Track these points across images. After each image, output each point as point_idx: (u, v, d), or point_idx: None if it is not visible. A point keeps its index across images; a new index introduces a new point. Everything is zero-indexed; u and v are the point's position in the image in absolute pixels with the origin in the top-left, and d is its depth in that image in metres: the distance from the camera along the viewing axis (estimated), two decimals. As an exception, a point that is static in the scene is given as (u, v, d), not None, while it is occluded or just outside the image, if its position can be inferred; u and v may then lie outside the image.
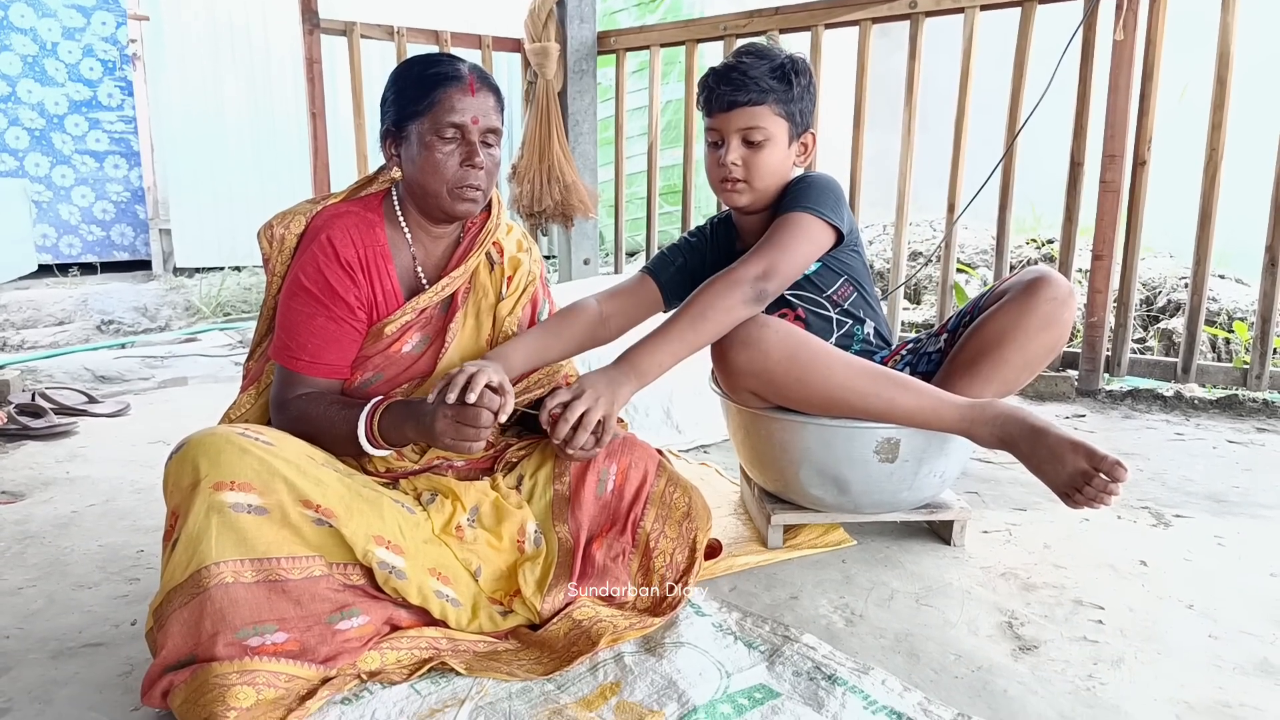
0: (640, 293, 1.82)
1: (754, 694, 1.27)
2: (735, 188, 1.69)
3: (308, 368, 1.47)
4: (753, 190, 1.70)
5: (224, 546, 1.21)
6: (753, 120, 1.65)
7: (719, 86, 1.66)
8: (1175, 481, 2.23)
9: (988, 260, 4.67)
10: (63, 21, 6.02)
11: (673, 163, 5.28)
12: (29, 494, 2.14)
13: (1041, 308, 1.63)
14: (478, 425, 1.32)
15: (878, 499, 1.75)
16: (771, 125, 1.66)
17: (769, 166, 1.68)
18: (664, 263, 1.85)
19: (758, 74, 1.64)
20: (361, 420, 1.39)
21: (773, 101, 1.65)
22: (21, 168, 6.02)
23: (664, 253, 1.87)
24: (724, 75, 1.66)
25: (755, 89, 1.63)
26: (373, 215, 1.52)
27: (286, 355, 1.48)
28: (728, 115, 1.66)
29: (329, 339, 1.47)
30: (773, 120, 1.66)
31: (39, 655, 1.40)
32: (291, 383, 1.47)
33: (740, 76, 1.64)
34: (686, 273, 1.84)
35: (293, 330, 1.47)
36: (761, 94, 1.64)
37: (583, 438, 1.45)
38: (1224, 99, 2.81)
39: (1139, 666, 1.37)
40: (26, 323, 4.69)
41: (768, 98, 1.64)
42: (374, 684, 1.28)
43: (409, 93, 1.46)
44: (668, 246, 1.89)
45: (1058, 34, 3.00)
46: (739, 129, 1.66)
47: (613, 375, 1.52)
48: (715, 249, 1.86)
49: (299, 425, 1.43)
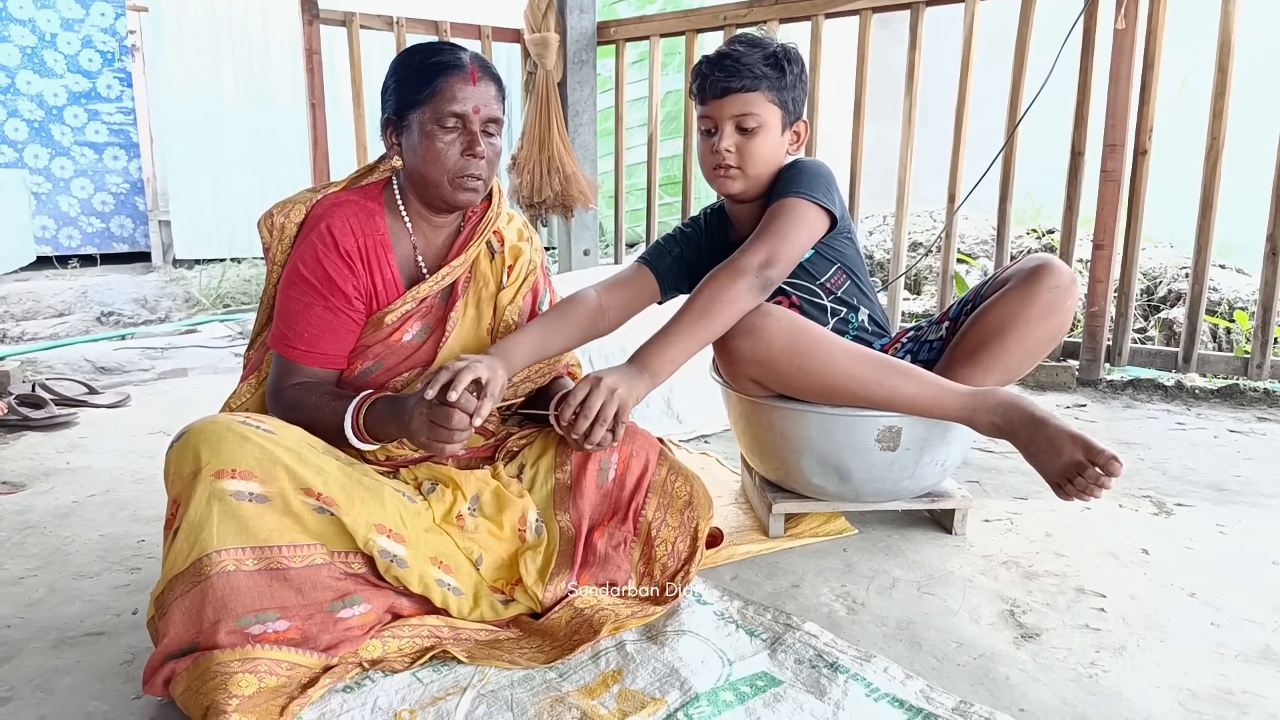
0: (637, 283, 1.81)
1: (756, 682, 1.27)
2: (729, 174, 1.69)
3: (303, 357, 1.47)
4: (746, 177, 1.69)
5: (225, 534, 1.20)
6: (746, 107, 1.65)
7: (712, 73, 1.65)
8: (1176, 470, 2.23)
9: (988, 251, 4.67)
10: (61, 13, 6.00)
11: (673, 153, 5.27)
12: (29, 484, 2.13)
13: (1044, 296, 1.62)
14: (449, 427, 1.28)
15: (879, 487, 1.75)
16: (764, 112, 1.66)
17: (762, 153, 1.68)
18: (660, 253, 1.85)
19: (750, 61, 1.63)
20: (349, 415, 1.38)
21: (766, 88, 1.65)
22: (20, 159, 6.00)
23: (660, 243, 1.87)
24: (717, 63, 1.65)
25: (748, 75, 1.63)
26: (373, 204, 1.52)
27: (283, 344, 1.48)
28: (721, 102, 1.65)
29: (325, 328, 1.47)
30: (766, 107, 1.66)
31: (40, 644, 1.40)
32: (287, 371, 1.47)
33: (733, 64, 1.63)
34: (683, 263, 1.84)
35: (290, 319, 1.47)
36: (755, 80, 1.63)
37: (600, 433, 1.44)
38: (1225, 87, 2.80)
39: (1141, 654, 1.37)
40: (26, 314, 4.68)
41: (760, 84, 1.64)
42: (375, 672, 1.28)
43: (410, 81, 1.46)
44: (663, 237, 1.89)
45: (1058, 24, 2.99)
46: (732, 115, 1.66)
47: (628, 372, 1.51)
48: (710, 239, 1.85)
49: (292, 414, 1.42)
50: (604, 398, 1.45)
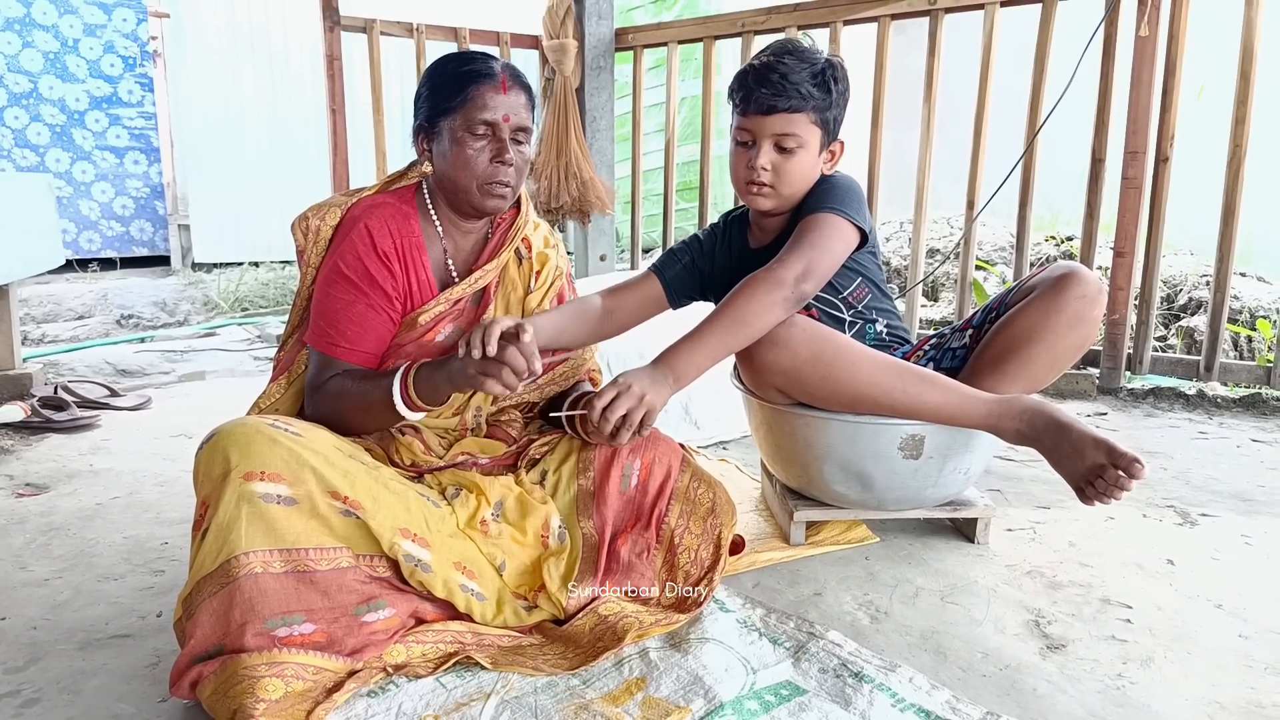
0: (644, 289, 1.79)
1: (780, 690, 1.27)
2: (761, 191, 1.66)
3: (346, 354, 1.48)
4: (778, 196, 1.67)
5: (254, 536, 1.21)
6: (788, 127, 1.61)
7: (758, 88, 1.60)
8: (1200, 480, 2.21)
9: (1006, 258, 4.64)
10: (84, 18, 6.05)
11: (690, 159, 5.28)
12: (53, 486, 2.15)
13: (1070, 305, 1.61)
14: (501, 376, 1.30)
15: (901, 496, 1.74)
16: (806, 133, 1.62)
17: (798, 174, 1.65)
18: (670, 260, 1.83)
19: (798, 79, 1.59)
20: (396, 383, 1.39)
21: (810, 109, 1.61)
22: (42, 163, 6.06)
23: (673, 250, 1.85)
24: (763, 76, 1.60)
25: (795, 95, 1.59)
26: (407, 207, 1.54)
27: (325, 342, 1.49)
28: (764, 119, 1.62)
29: (367, 326, 1.48)
30: (808, 128, 1.62)
31: (67, 646, 1.41)
32: (329, 368, 1.49)
33: (780, 80, 1.59)
34: (694, 271, 1.82)
35: (332, 318, 1.48)
36: (801, 101, 1.59)
37: (626, 436, 1.45)
38: (1248, 94, 2.79)
39: (1169, 666, 1.36)
40: (47, 317, 4.72)
41: (806, 105, 1.60)
42: (400, 677, 1.28)
43: (443, 89, 1.47)
44: (678, 244, 1.86)
45: (1077, 31, 2.98)
46: (773, 134, 1.62)
47: (653, 376, 1.51)
48: (728, 248, 1.84)
49: (334, 402, 1.44)
50: (632, 403, 1.45)
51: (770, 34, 3.72)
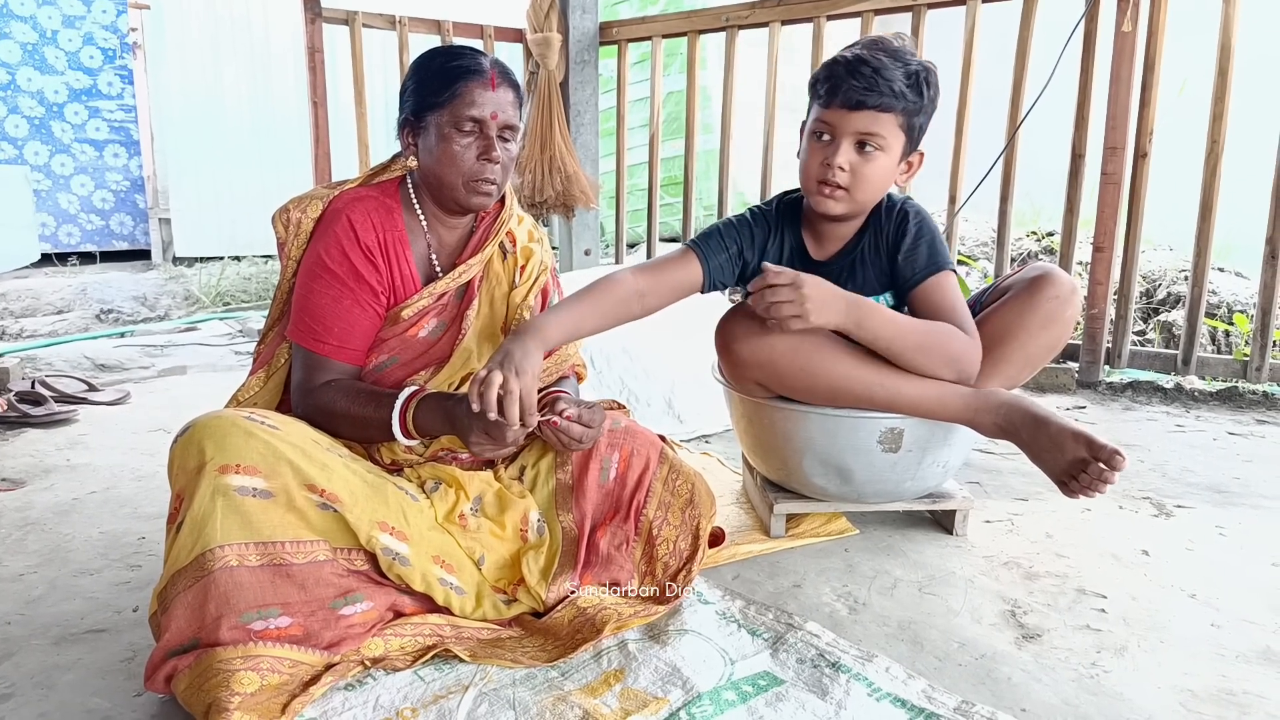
0: (682, 272, 1.65)
1: (758, 681, 1.28)
2: (834, 194, 1.56)
3: (335, 352, 1.47)
4: (851, 200, 1.57)
5: (229, 529, 1.20)
6: (875, 126, 1.52)
7: (849, 79, 1.50)
8: (1176, 472, 2.23)
9: (987, 252, 4.67)
10: (63, 9, 5.98)
11: (674, 154, 5.27)
12: (30, 481, 2.13)
13: (1044, 306, 1.63)
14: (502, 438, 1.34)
15: (880, 489, 1.75)
16: (891, 136, 1.53)
17: (875, 179, 1.56)
18: (715, 245, 1.67)
19: (892, 76, 1.50)
20: (395, 414, 1.39)
21: (900, 111, 1.52)
22: (21, 156, 5.99)
23: (717, 231, 1.69)
24: (855, 68, 1.50)
25: (888, 93, 1.50)
26: (390, 201, 1.53)
27: (312, 339, 1.47)
28: (850, 114, 1.52)
29: (354, 323, 1.47)
30: (893, 131, 1.53)
31: (41, 641, 1.40)
32: (318, 367, 1.47)
33: (874, 75, 1.49)
34: (739, 261, 1.69)
35: (318, 314, 1.46)
36: (893, 100, 1.50)
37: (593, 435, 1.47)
38: (1225, 91, 2.81)
39: (1142, 655, 1.38)
40: (25, 311, 4.67)
41: (896, 105, 1.51)
42: (377, 670, 1.28)
43: (430, 84, 1.46)
44: (723, 225, 1.71)
45: (1058, 26, 3.00)
46: (856, 132, 1.53)
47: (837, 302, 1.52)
48: (780, 246, 1.71)
49: (327, 417, 1.43)
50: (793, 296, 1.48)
51: (754, 28, 3.73)
